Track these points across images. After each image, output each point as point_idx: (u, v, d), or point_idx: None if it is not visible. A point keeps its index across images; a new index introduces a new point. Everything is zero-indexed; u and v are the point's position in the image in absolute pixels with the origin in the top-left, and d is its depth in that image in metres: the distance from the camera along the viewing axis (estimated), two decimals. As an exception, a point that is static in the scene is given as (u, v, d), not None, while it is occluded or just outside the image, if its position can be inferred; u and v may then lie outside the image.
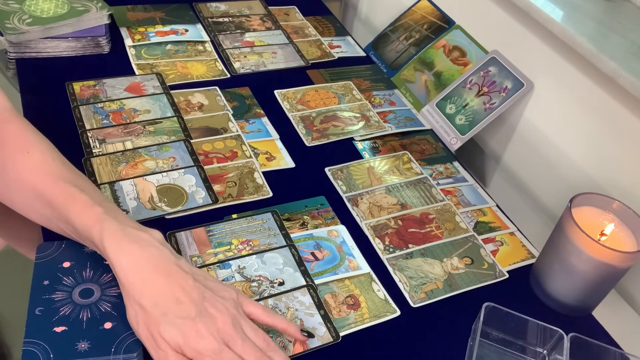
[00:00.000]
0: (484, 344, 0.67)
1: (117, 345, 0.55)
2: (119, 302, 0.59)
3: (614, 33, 0.82)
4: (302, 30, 1.14)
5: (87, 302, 0.58)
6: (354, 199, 0.81)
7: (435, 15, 1.09)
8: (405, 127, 0.95)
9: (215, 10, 1.13)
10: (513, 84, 0.92)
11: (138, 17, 1.06)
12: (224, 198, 0.76)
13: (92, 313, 0.57)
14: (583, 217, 0.68)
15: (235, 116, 0.90)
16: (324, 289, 0.68)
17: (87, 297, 0.59)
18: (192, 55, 1.01)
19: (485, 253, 0.77)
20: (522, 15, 0.90)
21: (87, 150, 0.78)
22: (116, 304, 0.59)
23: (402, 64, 1.08)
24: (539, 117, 0.91)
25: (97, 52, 0.96)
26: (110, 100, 0.87)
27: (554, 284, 0.70)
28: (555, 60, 0.86)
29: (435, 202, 0.83)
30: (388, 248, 0.75)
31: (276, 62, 1.04)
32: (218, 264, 0.68)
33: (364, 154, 0.89)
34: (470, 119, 0.94)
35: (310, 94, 0.98)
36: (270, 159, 0.84)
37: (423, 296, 0.70)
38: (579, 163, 0.85)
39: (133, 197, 0.73)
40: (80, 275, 0.61)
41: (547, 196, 0.91)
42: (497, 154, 1.00)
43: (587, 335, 0.64)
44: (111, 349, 0.55)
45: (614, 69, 0.73)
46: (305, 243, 0.73)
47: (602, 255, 0.65)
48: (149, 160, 0.79)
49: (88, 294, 0.59)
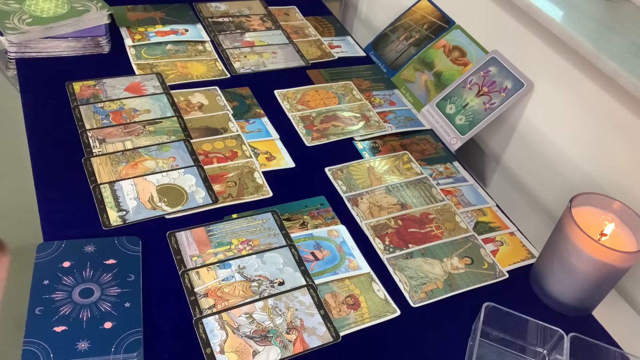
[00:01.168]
0: (484, 344, 0.67)
1: (117, 345, 0.55)
2: (119, 302, 0.59)
3: (614, 33, 0.82)
4: (302, 30, 1.14)
5: (87, 302, 0.58)
6: (354, 199, 0.81)
7: (435, 15, 1.09)
8: (405, 127, 0.95)
9: (215, 10, 1.13)
10: (513, 84, 0.92)
11: (138, 17, 1.06)
12: (224, 198, 0.76)
13: (92, 313, 0.57)
14: (583, 217, 0.68)
15: (235, 116, 0.90)
16: (324, 288, 0.68)
17: (87, 297, 0.59)
18: (192, 55, 1.01)
19: (485, 253, 0.77)
20: (522, 15, 0.90)
21: (87, 150, 0.78)
22: (116, 303, 0.59)
23: (402, 64, 1.08)
24: (539, 117, 0.91)
25: (97, 52, 0.96)
26: (110, 100, 0.87)
27: (554, 284, 0.70)
28: (555, 60, 0.86)
29: (435, 202, 0.83)
30: (388, 248, 0.75)
31: (276, 62, 1.04)
32: (218, 263, 0.68)
33: (364, 154, 0.89)
34: (470, 119, 0.94)
35: (310, 94, 0.98)
36: (270, 159, 0.84)
37: (423, 296, 0.70)
38: (579, 163, 0.85)
39: (133, 197, 0.73)
40: (80, 275, 0.61)
41: (547, 196, 0.91)
42: (497, 154, 1.00)
43: (587, 335, 0.64)
44: (111, 349, 0.55)
45: (614, 69, 0.73)
46: (305, 243, 0.73)
47: (602, 255, 0.65)
48: (149, 160, 0.79)
49: (88, 293, 0.59)
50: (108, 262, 0.63)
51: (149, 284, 0.64)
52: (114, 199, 0.72)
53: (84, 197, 0.72)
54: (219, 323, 0.62)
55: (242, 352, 0.60)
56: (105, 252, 0.64)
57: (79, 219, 0.70)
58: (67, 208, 0.70)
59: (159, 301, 0.63)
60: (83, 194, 0.72)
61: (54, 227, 0.68)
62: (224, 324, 0.62)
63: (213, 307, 0.63)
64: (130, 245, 0.66)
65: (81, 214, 0.70)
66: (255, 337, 0.61)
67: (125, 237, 0.66)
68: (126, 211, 0.71)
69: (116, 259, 0.64)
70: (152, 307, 0.62)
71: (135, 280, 0.62)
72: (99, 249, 0.64)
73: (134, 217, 0.71)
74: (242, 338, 0.61)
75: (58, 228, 0.68)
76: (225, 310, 0.63)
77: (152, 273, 0.66)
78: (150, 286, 0.64)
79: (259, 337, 0.61)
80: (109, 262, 0.63)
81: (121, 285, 0.61)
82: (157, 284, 0.65)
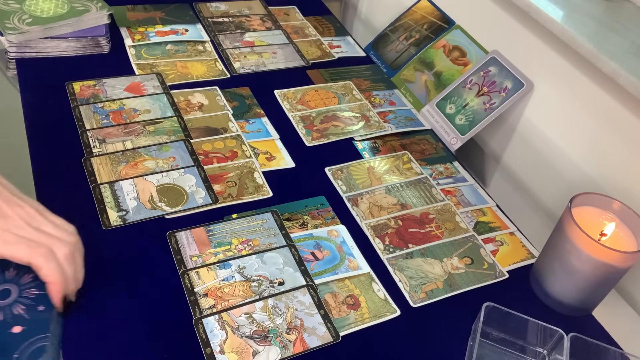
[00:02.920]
0: (484, 344, 0.67)
1: (22, 350, 0.53)
2: (33, 305, 0.57)
3: (614, 33, 0.82)
4: (302, 30, 1.14)
5: (2, 304, 0.56)
6: (354, 199, 0.81)
7: (435, 15, 1.09)
8: (405, 127, 0.95)
9: (215, 10, 1.13)
10: (513, 84, 0.92)
11: (138, 17, 1.06)
12: (224, 198, 0.76)
13: (5, 315, 0.55)
14: (583, 217, 0.68)
15: (235, 116, 0.90)
16: (324, 288, 0.68)
17: (3, 299, 0.57)
18: (192, 55, 1.01)
19: (485, 253, 0.77)
20: (522, 15, 0.90)
21: (87, 150, 0.78)
22: (31, 306, 0.57)
23: (402, 64, 1.08)
24: (539, 117, 0.91)
25: (97, 52, 0.96)
26: (110, 100, 0.87)
27: (554, 284, 0.70)
28: (555, 60, 0.86)
29: (435, 202, 0.83)
30: (388, 248, 0.75)
31: (276, 62, 1.04)
32: (218, 263, 0.68)
33: (364, 154, 0.89)
34: (470, 119, 0.94)
35: (310, 94, 0.98)
36: (270, 158, 0.84)
37: (423, 296, 0.70)
38: (579, 163, 0.85)
39: (133, 197, 0.73)
40: (2, 274, 0.59)
41: (547, 196, 0.91)
42: (497, 154, 1.00)
43: (587, 335, 0.64)
44: (13, 355, 0.53)
45: (614, 69, 0.73)
46: (305, 243, 0.73)
47: (602, 255, 0.65)
48: (149, 160, 0.79)
49: (4, 295, 0.57)
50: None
51: (149, 284, 0.64)
52: (114, 199, 0.72)
53: (84, 197, 0.72)
54: (219, 323, 0.62)
55: (242, 352, 0.60)
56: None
57: (79, 219, 0.69)
58: (67, 208, 0.70)
59: (158, 301, 0.63)
60: (83, 194, 0.72)
61: (54, 227, 0.68)
62: (224, 324, 0.62)
63: (213, 307, 0.63)
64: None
65: (81, 214, 0.70)
66: (255, 337, 0.61)
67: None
68: (126, 211, 0.71)
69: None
70: (152, 307, 0.62)
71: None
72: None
73: (134, 217, 0.71)
74: (242, 338, 0.61)
75: (58, 228, 0.68)
76: (225, 310, 0.63)
77: (152, 273, 0.66)
78: (150, 286, 0.64)
79: (259, 337, 0.61)
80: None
81: (40, 287, 0.58)
82: (157, 284, 0.65)
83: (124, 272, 0.65)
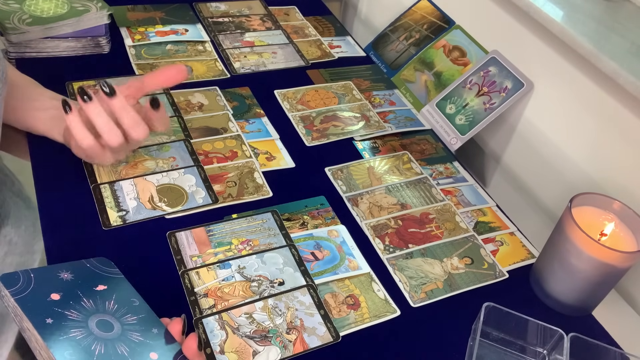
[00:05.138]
0: (484, 344, 0.67)
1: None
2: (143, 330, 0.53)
3: (614, 33, 0.82)
4: (302, 30, 1.14)
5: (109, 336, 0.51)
6: (354, 199, 0.81)
7: (435, 15, 1.09)
8: (405, 127, 0.95)
9: (215, 10, 1.13)
10: (513, 84, 0.92)
11: (138, 17, 1.06)
12: (224, 198, 0.76)
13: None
14: (583, 217, 0.68)
15: (235, 116, 0.90)
16: (324, 288, 0.68)
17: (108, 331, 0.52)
18: (192, 55, 1.01)
19: (485, 253, 0.77)
20: (522, 15, 0.90)
21: (87, 150, 0.78)
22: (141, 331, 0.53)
23: (402, 64, 1.08)
24: (539, 117, 0.91)
25: (97, 52, 0.96)
26: (110, 100, 0.86)
27: (554, 284, 0.70)
28: (555, 60, 0.86)
29: (435, 202, 0.83)
30: (388, 248, 0.75)
31: (276, 62, 1.04)
32: (218, 263, 0.68)
33: (364, 154, 0.89)
34: (470, 119, 0.94)
35: (310, 94, 0.98)
36: (270, 158, 0.84)
37: (423, 296, 0.70)
38: (579, 163, 0.85)
39: (133, 197, 0.73)
40: (81, 305, 0.53)
41: (547, 196, 0.91)
42: (497, 154, 1.00)
43: (587, 335, 0.64)
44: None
45: (614, 69, 0.73)
46: (305, 243, 0.73)
47: (602, 255, 0.65)
48: (149, 160, 0.79)
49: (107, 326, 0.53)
50: (98, 289, 0.55)
51: (149, 284, 0.64)
52: (114, 199, 0.72)
53: (84, 197, 0.72)
54: (219, 323, 0.62)
55: (242, 352, 0.60)
56: (86, 278, 0.56)
57: (79, 219, 0.70)
58: (67, 208, 0.70)
59: (158, 301, 0.63)
60: (83, 194, 0.72)
61: (54, 227, 0.68)
62: (224, 324, 0.62)
63: (213, 307, 0.63)
64: (105, 266, 0.59)
65: (81, 214, 0.70)
66: (255, 337, 0.61)
67: (94, 259, 0.59)
68: (126, 211, 0.71)
69: (105, 284, 0.56)
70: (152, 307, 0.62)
71: (141, 304, 0.57)
72: (76, 275, 0.55)
73: (134, 217, 0.71)
74: (242, 338, 0.61)
75: (58, 228, 0.68)
76: (225, 310, 0.63)
77: (152, 273, 0.66)
78: (150, 286, 0.64)
79: (259, 337, 0.61)
80: (99, 288, 0.55)
81: (133, 312, 0.55)
82: (157, 284, 0.65)
83: (124, 272, 0.65)
